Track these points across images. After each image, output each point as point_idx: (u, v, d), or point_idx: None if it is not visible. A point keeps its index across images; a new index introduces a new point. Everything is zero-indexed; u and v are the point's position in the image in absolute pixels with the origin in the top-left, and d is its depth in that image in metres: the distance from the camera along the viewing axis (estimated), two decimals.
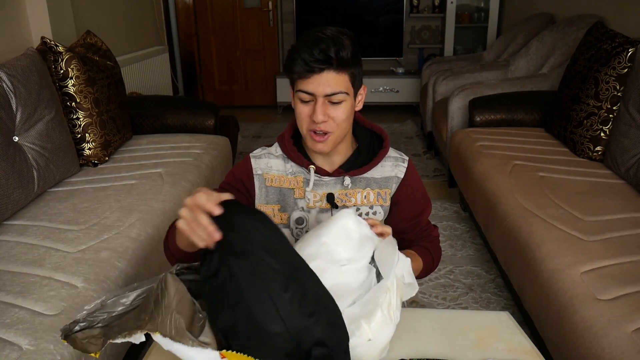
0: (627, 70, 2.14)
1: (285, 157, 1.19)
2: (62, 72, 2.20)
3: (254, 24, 5.29)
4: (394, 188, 1.19)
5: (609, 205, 1.84)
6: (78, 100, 2.24)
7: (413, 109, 5.12)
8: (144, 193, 1.98)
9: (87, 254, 1.55)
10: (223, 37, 5.34)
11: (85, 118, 2.25)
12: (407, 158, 1.22)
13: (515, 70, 3.42)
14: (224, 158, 2.66)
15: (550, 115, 2.63)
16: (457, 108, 3.10)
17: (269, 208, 1.18)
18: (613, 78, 2.17)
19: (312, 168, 1.15)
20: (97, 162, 2.29)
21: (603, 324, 1.27)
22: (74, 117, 2.24)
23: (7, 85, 1.87)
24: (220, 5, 5.25)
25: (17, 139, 1.90)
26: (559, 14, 3.65)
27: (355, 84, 1.09)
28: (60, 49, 2.20)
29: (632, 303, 1.32)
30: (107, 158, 2.33)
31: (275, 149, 1.20)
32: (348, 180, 1.15)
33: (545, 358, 0.99)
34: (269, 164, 1.18)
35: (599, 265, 1.48)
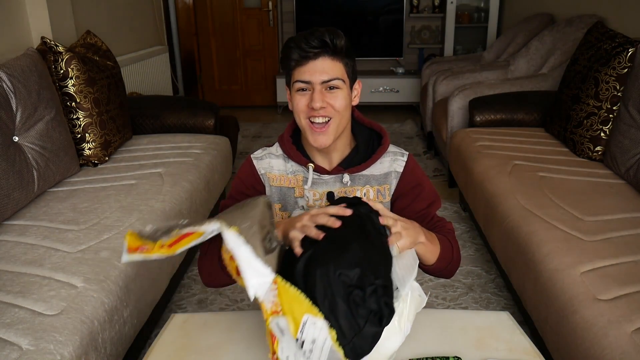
0: (627, 70, 2.14)
1: (286, 156, 1.19)
2: (62, 72, 2.20)
3: (254, 24, 5.29)
4: (394, 183, 1.19)
5: (609, 205, 1.84)
6: (78, 100, 2.24)
7: (413, 109, 5.12)
8: (144, 193, 1.98)
9: (87, 254, 1.55)
10: (223, 37, 5.34)
11: (85, 118, 2.26)
12: (406, 153, 1.22)
13: (515, 70, 3.42)
14: (224, 158, 2.66)
15: (550, 115, 2.63)
16: (457, 108, 3.10)
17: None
18: (613, 78, 2.17)
19: (310, 166, 1.16)
20: (97, 162, 2.29)
21: (603, 324, 1.27)
22: (74, 117, 2.24)
23: (7, 85, 1.88)
24: (220, 5, 5.25)
25: (17, 139, 1.90)
26: (559, 14, 3.65)
27: (350, 76, 1.12)
28: (60, 49, 2.20)
29: (632, 303, 1.32)
30: (107, 158, 2.33)
31: (276, 149, 1.21)
32: (347, 178, 1.16)
33: (545, 358, 0.99)
34: (270, 164, 1.20)
35: (599, 265, 1.48)
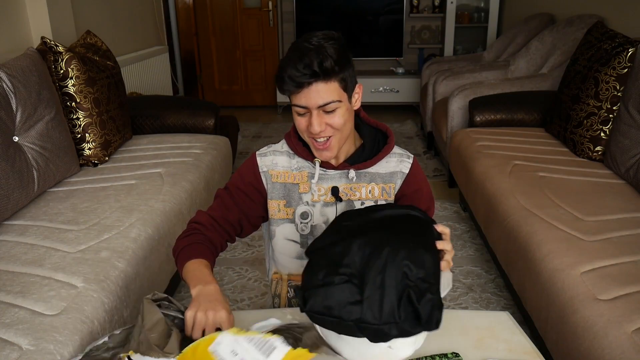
0: (627, 70, 2.14)
1: (291, 152, 1.22)
2: (62, 72, 2.20)
3: (254, 24, 5.29)
4: (399, 183, 1.21)
5: (609, 205, 1.84)
6: (78, 100, 2.24)
7: (413, 109, 5.12)
8: (144, 193, 1.98)
9: (87, 254, 1.55)
10: (223, 37, 5.34)
11: (85, 118, 2.25)
12: (412, 156, 1.25)
13: (515, 70, 3.42)
14: (224, 158, 2.66)
15: (550, 115, 2.63)
16: (457, 108, 3.10)
17: (275, 203, 1.22)
18: (613, 78, 2.17)
19: (317, 161, 1.18)
20: (97, 162, 2.29)
21: (603, 324, 1.27)
22: (74, 117, 2.24)
23: (7, 85, 1.87)
24: (220, 5, 5.25)
25: (17, 139, 1.90)
26: (559, 14, 3.65)
27: (348, 88, 1.10)
28: (60, 49, 2.20)
29: (632, 303, 1.32)
30: (107, 158, 2.33)
31: (282, 146, 1.23)
32: (353, 173, 1.17)
33: (545, 358, 0.99)
34: (274, 161, 1.22)
35: (599, 265, 1.48)
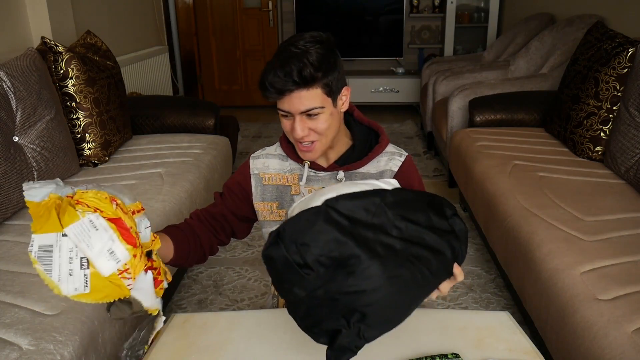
0: (627, 70, 2.14)
1: (284, 155, 1.22)
2: (62, 72, 2.20)
3: (254, 24, 5.29)
4: None
5: (609, 205, 1.84)
6: (78, 100, 2.24)
7: (413, 109, 5.12)
8: (144, 193, 1.98)
9: None
10: (223, 37, 5.34)
11: (85, 118, 2.25)
12: (405, 154, 1.23)
13: (515, 70, 3.42)
14: (224, 158, 2.66)
15: (550, 115, 2.63)
16: (457, 108, 3.09)
17: (267, 205, 1.22)
18: (613, 78, 2.17)
19: (306, 163, 1.18)
20: (97, 162, 2.29)
21: (603, 324, 1.27)
22: (74, 117, 2.24)
23: (7, 85, 1.87)
24: (220, 5, 5.25)
25: (17, 139, 1.90)
26: (559, 14, 3.65)
27: (332, 92, 1.08)
28: (60, 49, 2.20)
29: (632, 303, 1.32)
30: (107, 158, 2.33)
31: (275, 149, 1.24)
32: (341, 175, 1.17)
33: (545, 358, 0.99)
34: (266, 164, 1.23)
35: (599, 265, 1.48)
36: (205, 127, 2.79)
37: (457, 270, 0.95)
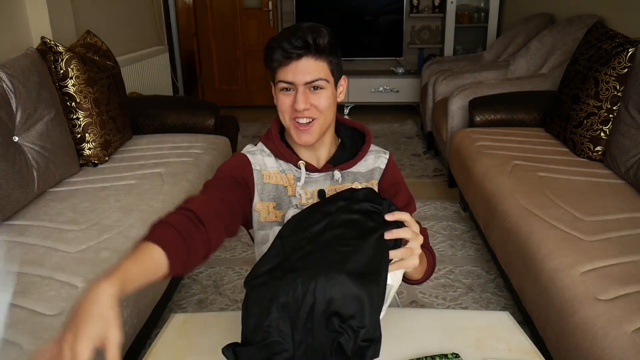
0: (627, 70, 2.14)
1: (271, 155, 1.17)
2: (62, 72, 2.20)
3: (254, 24, 5.29)
4: (378, 178, 1.20)
5: (609, 205, 1.84)
6: (78, 100, 2.24)
7: (413, 109, 5.12)
8: (144, 193, 1.98)
9: (87, 254, 1.55)
10: (223, 37, 5.34)
11: (85, 118, 2.26)
12: (387, 152, 1.23)
13: (515, 70, 3.42)
14: (224, 158, 2.66)
15: (550, 115, 2.63)
16: (457, 108, 3.09)
17: (264, 205, 1.16)
18: (613, 78, 2.17)
19: (302, 164, 1.14)
20: (97, 162, 2.29)
21: (603, 324, 1.27)
22: (74, 117, 2.24)
23: (7, 85, 1.87)
24: (220, 5, 5.25)
25: (17, 139, 1.90)
26: (559, 14, 3.65)
27: (335, 74, 1.10)
28: (60, 49, 2.20)
29: (632, 303, 1.32)
30: (107, 158, 2.33)
31: (263, 148, 1.18)
32: (338, 175, 1.16)
33: (545, 358, 0.99)
34: (264, 161, 1.16)
35: (599, 265, 1.48)
36: (205, 127, 2.79)
37: (403, 217, 0.90)
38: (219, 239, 0.99)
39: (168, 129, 2.78)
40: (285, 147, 1.17)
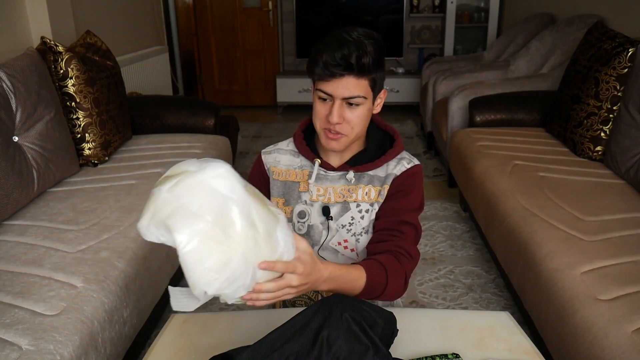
0: (627, 70, 2.14)
1: (296, 151, 1.23)
2: (62, 72, 2.20)
3: (254, 24, 5.29)
4: (389, 184, 1.18)
5: (609, 205, 1.84)
6: (78, 100, 2.23)
7: (413, 109, 5.12)
8: (144, 193, 1.98)
9: (87, 254, 1.55)
10: (223, 37, 5.34)
11: (85, 118, 2.25)
12: (416, 162, 1.18)
13: (515, 70, 3.42)
14: (224, 158, 2.65)
15: (550, 115, 2.63)
16: (457, 108, 3.09)
17: (273, 201, 1.21)
18: (613, 78, 2.17)
19: (317, 161, 1.18)
20: (97, 162, 2.29)
21: (603, 324, 1.27)
22: (74, 117, 2.24)
23: (7, 85, 1.87)
24: (220, 5, 5.25)
25: (17, 139, 1.89)
26: (559, 14, 3.65)
27: (375, 89, 1.10)
28: (60, 49, 2.20)
29: (632, 303, 1.32)
30: (107, 158, 2.33)
31: (287, 144, 1.25)
32: (351, 174, 1.17)
33: (545, 358, 0.99)
34: (277, 159, 1.23)
35: (599, 265, 1.48)
36: (205, 127, 2.79)
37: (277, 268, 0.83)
38: None
39: (168, 129, 2.78)
40: (306, 144, 1.21)
